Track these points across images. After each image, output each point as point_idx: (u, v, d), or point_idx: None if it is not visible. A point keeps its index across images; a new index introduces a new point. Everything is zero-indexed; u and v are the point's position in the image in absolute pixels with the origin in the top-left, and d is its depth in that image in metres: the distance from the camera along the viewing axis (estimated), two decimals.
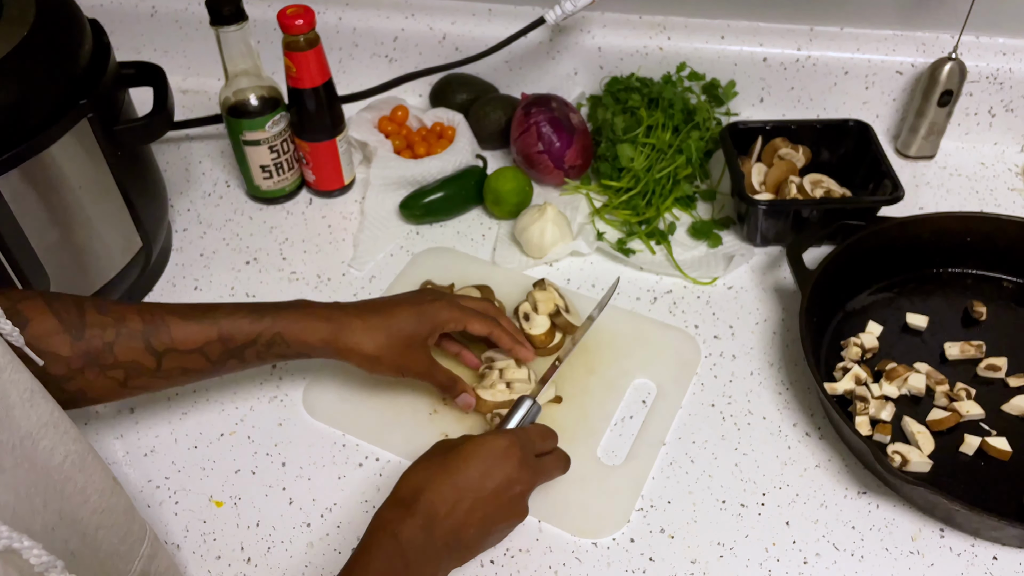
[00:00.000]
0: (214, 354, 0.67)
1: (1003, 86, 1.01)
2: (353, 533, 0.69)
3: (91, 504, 0.52)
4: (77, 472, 0.51)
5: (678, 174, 0.95)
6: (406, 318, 0.72)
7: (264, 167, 0.95)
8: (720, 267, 0.90)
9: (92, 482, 0.52)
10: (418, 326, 0.72)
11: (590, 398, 0.78)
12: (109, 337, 0.63)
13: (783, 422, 0.77)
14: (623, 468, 0.73)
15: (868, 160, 0.94)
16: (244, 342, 0.67)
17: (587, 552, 0.68)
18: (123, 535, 0.55)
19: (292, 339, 0.69)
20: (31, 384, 0.49)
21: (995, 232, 0.85)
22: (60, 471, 0.49)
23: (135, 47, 1.14)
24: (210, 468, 0.74)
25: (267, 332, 0.68)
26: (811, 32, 1.03)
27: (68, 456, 0.50)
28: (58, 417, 0.51)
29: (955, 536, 0.68)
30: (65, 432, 0.51)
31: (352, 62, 1.11)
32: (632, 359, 0.81)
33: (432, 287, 0.86)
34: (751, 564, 0.67)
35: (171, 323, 0.65)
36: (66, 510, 0.49)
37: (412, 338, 0.72)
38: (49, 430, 0.49)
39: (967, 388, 0.76)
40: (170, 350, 0.65)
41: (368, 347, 0.70)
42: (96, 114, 0.74)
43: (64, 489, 0.49)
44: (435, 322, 0.73)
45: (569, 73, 1.09)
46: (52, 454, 0.49)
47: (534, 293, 0.82)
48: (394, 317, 0.72)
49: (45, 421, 0.49)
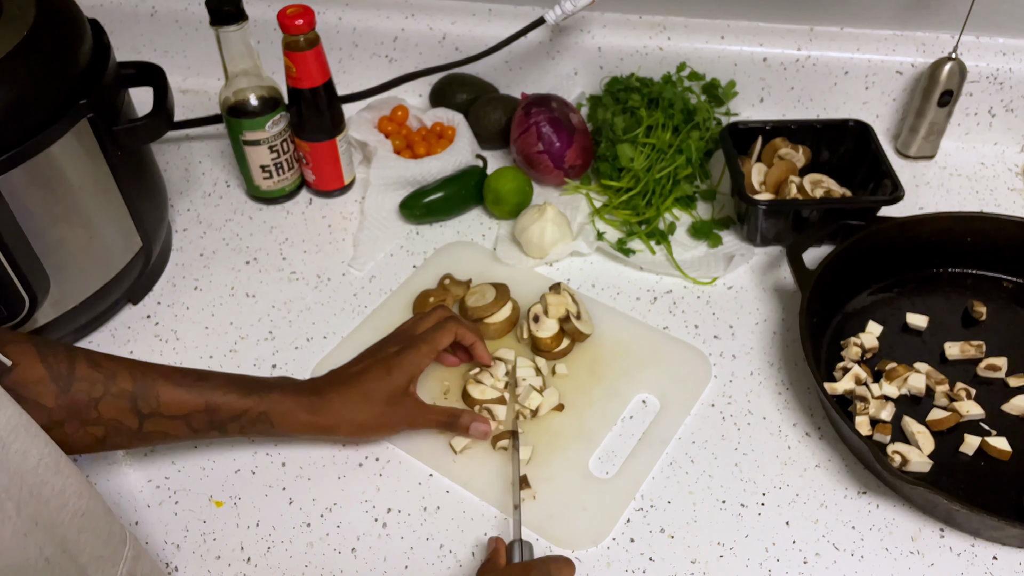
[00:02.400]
0: (197, 424, 0.67)
1: (1003, 86, 1.01)
2: (353, 533, 0.69)
3: (71, 507, 0.51)
4: (53, 475, 0.50)
5: (678, 174, 0.95)
6: (379, 377, 0.71)
7: (264, 167, 0.95)
8: (720, 267, 0.90)
9: (69, 484, 0.51)
10: (393, 380, 0.71)
11: (591, 410, 0.77)
12: (96, 393, 0.62)
13: (783, 422, 0.77)
14: (612, 482, 0.72)
15: (868, 160, 0.94)
16: (229, 416, 0.68)
17: (587, 552, 0.68)
18: (105, 538, 0.54)
19: (277, 421, 0.69)
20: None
21: (995, 232, 0.85)
22: (35, 474, 0.48)
23: (135, 47, 1.14)
24: (210, 468, 0.74)
25: (254, 410, 0.68)
26: (811, 32, 1.03)
27: (42, 459, 0.49)
28: (27, 420, 0.49)
29: (955, 536, 0.68)
30: (36, 435, 0.50)
31: (352, 62, 1.11)
32: (640, 374, 0.79)
33: (446, 284, 0.87)
34: (751, 564, 0.67)
35: (160, 387, 0.65)
36: (43, 515, 0.48)
37: (392, 395, 0.71)
38: (20, 432, 0.48)
39: (967, 388, 0.76)
40: (155, 414, 0.65)
41: (353, 420, 0.71)
42: (96, 114, 0.74)
43: (41, 493, 0.48)
44: (409, 371, 0.72)
45: (569, 73, 1.09)
46: (25, 457, 0.48)
47: (547, 296, 0.82)
48: (368, 381, 0.71)
49: (14, 424, 0.48)
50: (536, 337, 0.80)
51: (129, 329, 0.85)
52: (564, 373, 0.79)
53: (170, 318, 0.86)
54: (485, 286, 0.85)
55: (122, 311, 0.87)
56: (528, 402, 0.75)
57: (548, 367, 0.80)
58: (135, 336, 0.85)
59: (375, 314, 0.86)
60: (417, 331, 0.75)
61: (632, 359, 0.81)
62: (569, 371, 0.80)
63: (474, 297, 0.84)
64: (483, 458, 0.74)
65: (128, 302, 0.88)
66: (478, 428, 0.73)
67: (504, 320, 0.82)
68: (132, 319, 0.86)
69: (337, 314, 0.87)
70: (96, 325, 0.85)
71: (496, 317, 0.82)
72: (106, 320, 0.86)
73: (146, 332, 0.85)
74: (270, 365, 0.82)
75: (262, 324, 0.86)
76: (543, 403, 0.75)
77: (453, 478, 0.72)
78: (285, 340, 0.84)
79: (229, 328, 0.85)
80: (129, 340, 0.84)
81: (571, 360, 0.81)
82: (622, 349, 0.82)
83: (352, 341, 0.83)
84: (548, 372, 0.79)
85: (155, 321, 0.86)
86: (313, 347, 0.83)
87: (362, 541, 0.69)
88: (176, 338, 0.85)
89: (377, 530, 0.69)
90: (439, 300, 0.85)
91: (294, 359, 0.82)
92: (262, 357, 0.83)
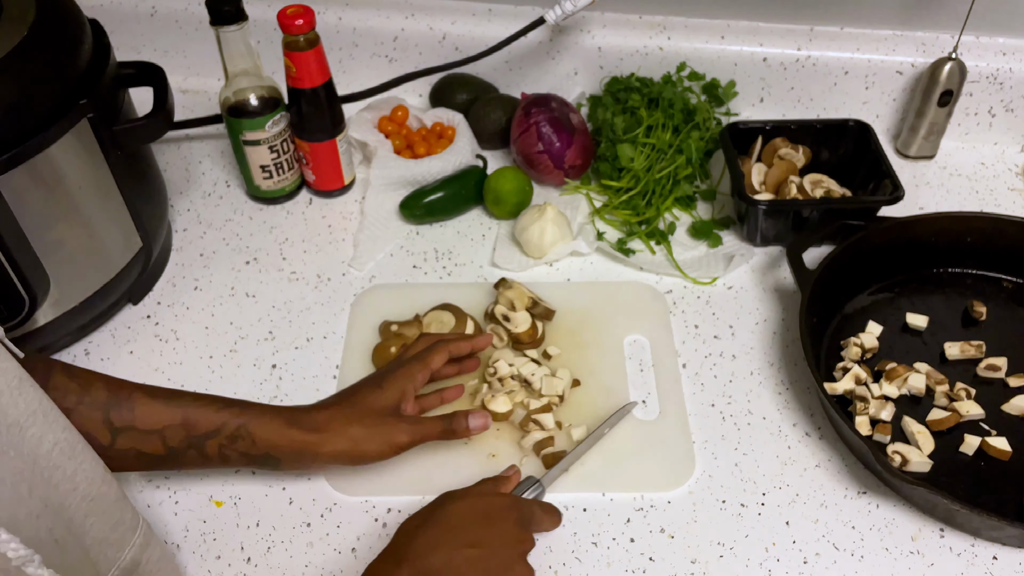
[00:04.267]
0: (174, 440, 0.64)
1: (1003, 86, 1.01)
2: (353, 533, 0.69)
3: (80, 492, 0.52)
4: (67, 460, 0.51)
5: (678, 174, 0.95)
6: (370, 393, 0.69)
7: (264, 167, 0.95)
8: (720, 267, 0.90)
9: (82, 470, 0.52)
10: (385, 396, 0.69)
11: (598, 371, 0.80)
12: (69, 403, 0.60)
13: (783, 422, 0.77)
14: (662, 421, 0.76)
15: (868, 160, 0.94)
16: (207, 431, 0.64)
17: (587, 552, 0.68)
18: (114, 523, 0.55)
19: (259, 437, 0.65)
20: (19, 372, 0.49)
21: (995, 232, 0.85)
22: (48, 459, 0.49)
23: (135, 47, 1.14)
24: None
25: (232, 423, 0.65)
26: (811, 32, 1.03)
27: (57, 444, 0.50)
28: (47, 406, 0.51)
29: (955, 536, 0.68)
30: (54, 421, 0.51)
31: (352, 62, 1.11)
32: (612, 322, 0.84)
33: (395, 331, 0.81)
34: (751, 564, 0.67)
35: (136, 399, 0.63)
36: (52, 498, 0.49)
37: (383, 411, 0.68)
38: (37, 418, 0.49)
39: (967, 388, 0.76)
40: (129, 427, 0.62)
41: (343, 434, 0.66)
42: (96, 114, 0.74)
43: (52, 477, 0.49)
44: (400, 386, 0.69)
45: (569, 73, 1.09)
46: (40, 442, 0.49)
47: (503, 293, 0.82)
48: (359, 403, 0.68)
49: (33, 409, 0.49)
50: (516, 334, 0.81)
51: (129, 329, 0.85)
52: (556, 352, 0.81)
53: (170, 318, 0.86)
54: (436, 313, 0.83)
55: (122, 311, 0.87)
56: (553, 390, 0.76)
57: (539, 356, 0.81)
58: (135, 336, 0.85)
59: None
60: (408, 353, 0.74)
61: (598, 315, 0.85)
62: (559, 348, 0.82)
63: (433, 328, 0.82)
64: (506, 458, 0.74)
65: (128, 302, 0.88)
66: (477, 422, 0.70)
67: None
68: (132, 319, 0.86)
69: (337, 314, 0.87)
70: (96, 325, 0.85)
71: None
72: (106, 320, 0.86)
73: (146, 332, 0.85)
74: (270, 365, 0.82)
75: (262, 324, 0.86)
76: (565, 384, 0.77)
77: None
78: (285, 340, 0.84)
79: (229, 328, 0.85)
80: (129, 340, 0.84)
81: (551, 341, 0.83)
82: (584, 312, 0.85)
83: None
84: (542, 360, 0.81)
85: (155, 321, 0.86)
86: (313, 347, 0.83)
87: (362, 541, 0.69)
88: (176, 338, 0.85)
89: (377, 530, 0.69)
90: (398, 345, 0.80)
91: (294, 359, 0.82)
92: (262, 357, 0.83)
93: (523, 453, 0.74)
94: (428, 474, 0.72)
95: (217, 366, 0.82)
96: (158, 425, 0.63)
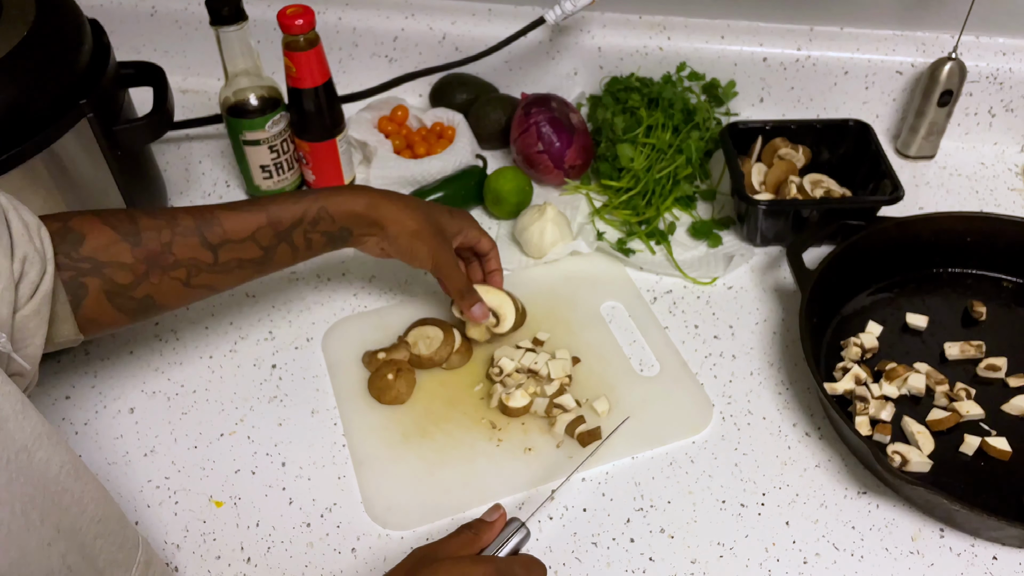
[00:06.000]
0: (265, 239, 0.69)
1: (1003, 86, 1.01)
2: (353, 533, 0.69)
3: (88, 513, 0.51)
4: (73, 481, 0.50)
5: (678, 174, 0.95)
6: (439, 212, 0.77)
7: (264, 167, 0.95)
8: (720, 267, 0.90)
9: (88, 491, 0.51)
10: (449, 222, 0.77)
11: (590, 343, 0.82)
12: (166, 238, 0.65)
13: (783, 422, 0.77)
14: (666, 373, 0.80)
15: (868, 160, 0.94)
16: (292, 222, 0.70)
17: (587, 552, 0.68)
18: (120, 543, 0.54)
19: (336, 211, 0.72)
20: (21, 396, 0.49)
21: (995, 232, 0.85)
22: (57, 482, 0.49)
23: (135, 47, 1.14)
24: (210, 468, 0.74)
25: (312, 208, 0.71)
26: (811, 32, 1.03)
27: (63, 466, 0.49)
28: (50, 428, 0.50)
29: (955, 536, 0.68)
30: (58, 442, 0.50)
31: (352, 62, 1.11)
32: (584, 296, 0.87)
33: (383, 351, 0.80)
34: (751, 564, 0.67)
35: (221, 216, 0.68)
36: (64, 522, 0.49)
37: (443, 230, 0.76)
38: (43, 441, 0.48)
39: (967, 388, 0.76)
40: (225, 241, 0.67)
41: (409, 222, 0.74)
42: (96, 114, 0.74)
43: (61, 501, 0.49)
44: (463, 224, 0.78)
45: (569, 73, 1.09)
46: (48, 465, 0.48)
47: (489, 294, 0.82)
48: (429, 207, 0.77)
49: (39, 432, 0.48)
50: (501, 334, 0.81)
51: (129, 329, 0.85)
52: (546, 336, 0.83)
53: (170, 318, 0.86)
54: (422, 330, 0.81)
55: None
56: (561, 371, 0.78)
57: (531, 343, 0.82)
58: (135, 336, 0.85)
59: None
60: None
61: (566, 291, 0.88)
62: (547, 333, 0.84)
63: (421, 345, 0.80)
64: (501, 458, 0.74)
65: None
66: (481, 308, 0.78)
67: (462, 346, 0.81)
68: None
69: (337, 314, 0.87)
70: None
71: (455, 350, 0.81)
72: None
73: (146, 332, 0.85)
74: (270, 365, 0.82)
75: (262, 324, 0.86)
76: (567, 362, 0.79)
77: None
78: (285, 340, 0.84)
79: (229, 328, 0.85)
80: (129, 340, 0.84)
81: (532, 328, 0.84)
82: (550, 291, 0.88)
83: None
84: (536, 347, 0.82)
85: (155, 321, 0.86)
86: (313, 347, 0.83)
87: (362, 541, 0.69)
88: (176, 338, 0.85)
89: (377, 530, 0.69)
90: (392, 371, 0.77)
91: (294, 359, 0.82)
92: (262, 357, 0.83)
93: (557, 439, 0.74)
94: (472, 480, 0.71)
95: (217, 366, 0.82)
96: (248, 231, 0.69)
